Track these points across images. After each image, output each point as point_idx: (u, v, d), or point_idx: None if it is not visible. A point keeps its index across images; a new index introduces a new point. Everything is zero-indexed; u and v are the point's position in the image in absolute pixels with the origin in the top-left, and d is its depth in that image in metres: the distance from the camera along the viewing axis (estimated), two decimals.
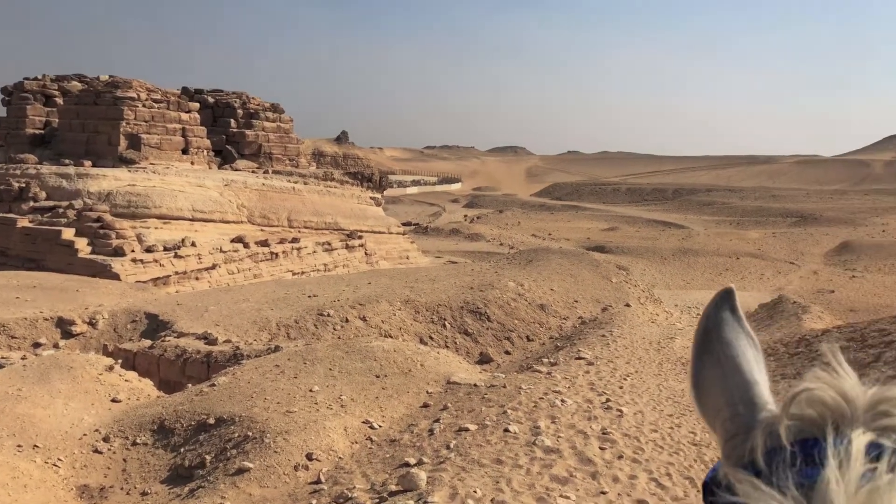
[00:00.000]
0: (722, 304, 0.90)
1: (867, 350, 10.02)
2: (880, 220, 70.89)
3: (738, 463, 0.73)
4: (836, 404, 0.70)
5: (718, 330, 0.88)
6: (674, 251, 51.02)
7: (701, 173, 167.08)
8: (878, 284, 41.11)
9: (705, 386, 0.86)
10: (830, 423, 0.69)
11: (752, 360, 0.86)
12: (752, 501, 0.62)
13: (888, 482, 0.59)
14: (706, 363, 0.86)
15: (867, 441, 0.64)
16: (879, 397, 0.70)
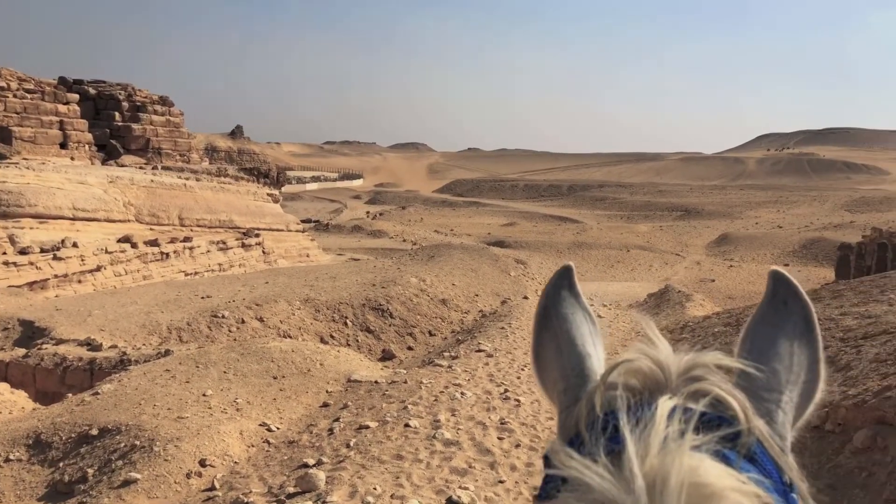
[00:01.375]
0: (560, 282, 0.92)
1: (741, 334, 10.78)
2: (754, 214, 76.51)
3: (566, 434, 0.74)
4: (652, 372, 0.73)
5: (556, 307, 0.90)
6: (569, 245, 52.83)
7: (594, 170, 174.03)
8: (752, 273, 44.31)
9: (544, 361, 0.87)
10: (646, 390, 0.71)
11: (588, 335, 0.88)
12: (564, 470, 0.63)
13: (680, 444, 0.61)
14: (545, 339, 0.88)
15: (672, 405, 0.66)
16: (692, 363, 0.73)
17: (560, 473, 0.65)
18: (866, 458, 5.78)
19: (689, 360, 0.74)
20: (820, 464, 6.08)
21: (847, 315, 9.43)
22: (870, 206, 78.31)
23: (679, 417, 0.65)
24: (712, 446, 0.63)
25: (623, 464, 0.60)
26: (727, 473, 0.60)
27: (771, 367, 0.77)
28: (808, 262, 48.23)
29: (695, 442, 0.62)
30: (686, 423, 0.64)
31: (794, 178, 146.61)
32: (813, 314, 0.81)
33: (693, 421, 0.65)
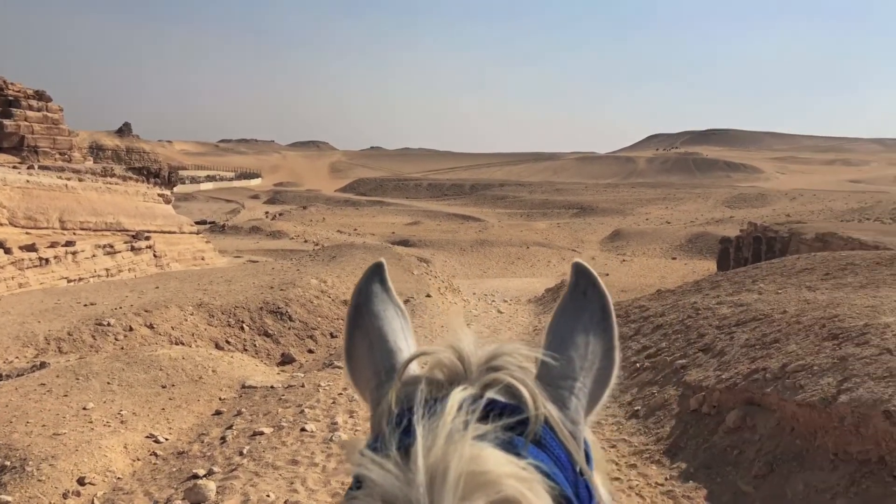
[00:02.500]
0: (372, 279, 0.92)
1: (629, 325, 11.30)
2: (644, 210, 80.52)
3: (374, 432, 0.74)
4: (453, 364, 0.74)
5: (368, 304, 0.89)
6: (472, 243, 53.60)
7: (495, 169, 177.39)
8: (643, 266, 46.65)
9: (356, 360, 0.86)
10: (448, 383, 0.72)
11: (399, 330, 0.87)
12: (358, 469, 0.63)
13: (464, 434, 0.62)
14: (357, 337, 0.87)
15: (464, 396, 0.67)
16: (493, 354, 0.75)
17: (354, 472, 0.65)
18: (737, 437, 6.20)
19: (490, 351, 0.76)
20: (697, 445, 6.48)
21: (723, 304, 10.09)
22: (747, 203, 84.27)
23: (468, 408, 0.66)
24: (498, 434, 0.65)
25: (410, 457, 0.61)
26: (507, 461, 0.61)
27: (567, 356, 0.80)
28: (694, 255, 51.30)
29: (479, 431, 0.63)
30: (475, 413, 0.65)
31: (680, 176, 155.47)
32: (609, 304, 0.85)
33: (480, 410, 0.66)
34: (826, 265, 11.87)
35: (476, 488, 0.58)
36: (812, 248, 31.63)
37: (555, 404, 0.74)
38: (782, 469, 5.46)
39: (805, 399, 5.69)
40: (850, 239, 31.94)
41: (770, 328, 7.92)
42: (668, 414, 7.31)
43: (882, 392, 5.16)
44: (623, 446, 6.98)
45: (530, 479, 0.61)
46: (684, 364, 8.22)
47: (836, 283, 10.39)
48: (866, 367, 5.62)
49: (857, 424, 5.15)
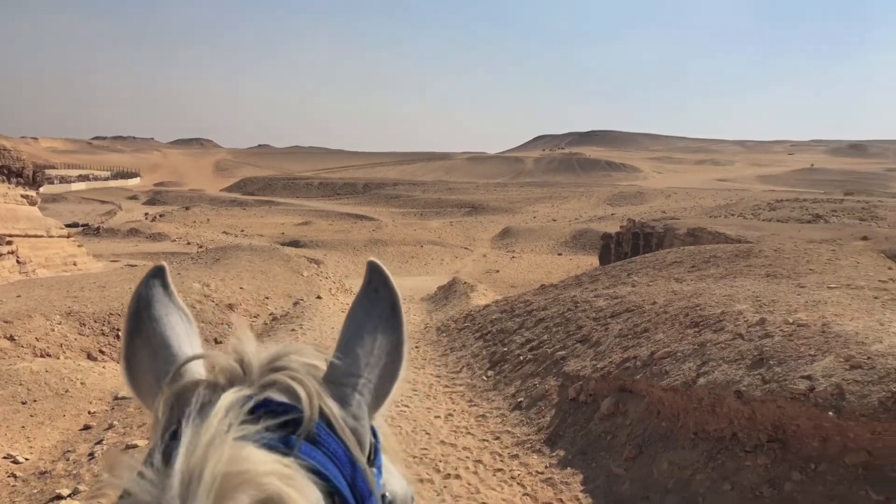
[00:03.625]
0: (152, 283, 0.90)
1: (514, 319, 11.63)
2: (532, 209, 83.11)
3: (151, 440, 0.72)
4: (231, 368, 0.74)
5: (149, 309, 0.87)
6: (365, 242, 53.26)
7: (388, 168, 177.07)
8: (531, 263, 48.14)
9: (137, 367, 0.83)
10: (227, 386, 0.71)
11: (183, 335, 0.86)
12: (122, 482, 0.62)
13: (226, 436, 0.62)
14: (137, 344, 0.84)
15: (235, 398, 0.67)
16: (276, 355, 0.76)
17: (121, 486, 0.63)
18: (611, 423, 6.54)
19: (273, 352, 0.77)
20: (575, 432, 6.77)
21: (600, 297, 10.60)
22: (627, 200, 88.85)
23: (237, 409, 0.66)
24: (267, 433, 0.65)
25: (170, 463, 0.60)
26: (270, 459, 0.62)
27: (354, 353, 0.81)
28: (578, 251, 53.49)
29: (243, 431, 0.63)
30: (247, 414, 0.66)
31: (565, 175, 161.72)
32: (398, 301, 0.87)
33: (249, 411, 0.66)
34: (692, 258, 12.75)
35: (233, 489, 0.58)
36: (684, 242, 33.77)
37: (336, 401, 0.75)
38: (650, 450, 5.81)
39: (670, 384, 6.09)
40: (717, 233, 34.44)
41: (641, 318, 8.40)
42: (549, 404, 7.59)
43: (734, 374, 5.61)
44: (506, 437, 7.18)
45: (293, 476, 0.61)
46: (564, 355, 8.57)
47: (700, 274, 11.18)
48: (721, 351, 6.09)
49: (713, 405, 5.57)
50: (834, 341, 5.50)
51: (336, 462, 0.69)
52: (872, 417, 4.53)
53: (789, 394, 5.01)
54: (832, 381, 4.92)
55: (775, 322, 6.31)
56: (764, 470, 4.93)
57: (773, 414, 5.11)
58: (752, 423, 5.25)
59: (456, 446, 7.00)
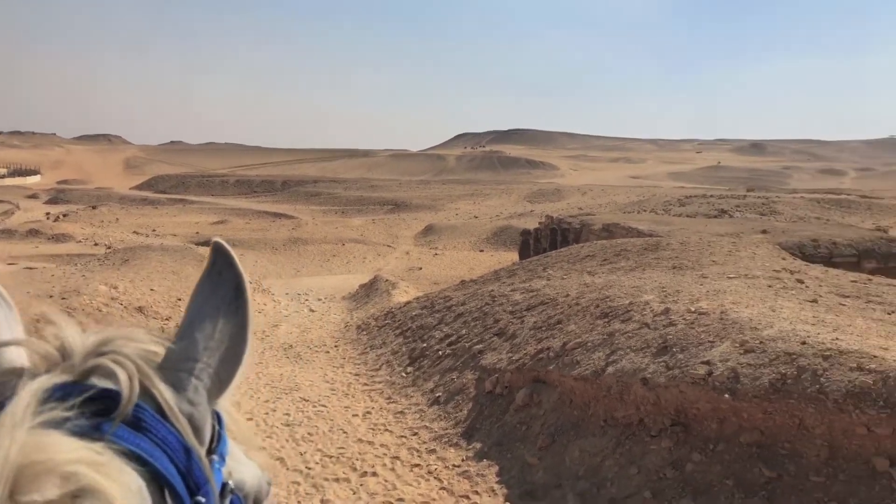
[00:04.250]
0: None
1: (434, 315, 11.67)
2: (454, 206, 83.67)
3: None
4: (48, 353, 0.70)
5: None
6: (285, 241, 52.12)
7: (308, 165, 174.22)
8: (454, 260, 48.46)
9: None
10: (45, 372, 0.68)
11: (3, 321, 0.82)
12: None
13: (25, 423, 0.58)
14: None
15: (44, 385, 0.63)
16: (102, 340, 0.73)
17: None
18: (525, 414, 6.66)
19: (100, 338, 0.73)
20: (491, 424, 6.86)
21: (516, 290, 10.78)
22: (545, 197, 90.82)
23: (44, 394, 0.62)
24: (79, 420, 0.62)
25: None
26: (78, 446, 0.58)
27: (192, 337, 0.78)
28: (500, 247, 54.25)
29: (47, 417, 0.60)
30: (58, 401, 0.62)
31: (487, 173, 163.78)
32: (244, 283, 0.84)
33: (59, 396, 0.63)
34: (604, 252, 13.16)
35: (33, 479, 0.54)
36: (599, 236, 34.79)
37: (170, 386, 0.72)
38: (562, 439, 5.96)
39: (580, 373, 6.25)
40: (630, 228, 35.74)
41: (555, 310, 8.60)
42: (466, 397, 7.66)
43: (640, 362, 5.82)
44: (424, 433, 7.19)
45: (104, 463, 0.58)
46: (481, 349, 8.66)
47: (611, 267, 11.56)
48: (629, 340, 6.31)
49: (621, 392, 5.76)
50: (731, 328, 5.80)
51: (166, 449, 0.66)
52: (764, 398, 4.81)
53: (690, 379, 5.25)
54: (728, 365, 5.19)
55: (679, 311, 6.59)
56: (667, 453, 5.15)
57: (676, 399, 5.33)
58: (657, 408, 5.47)
59: (373, 443, 6.96)
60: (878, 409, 4.34)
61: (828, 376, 4.67)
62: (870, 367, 4.61)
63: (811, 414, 4.59)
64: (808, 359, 4.90)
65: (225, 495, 0.75)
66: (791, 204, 53.74)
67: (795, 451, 4.62)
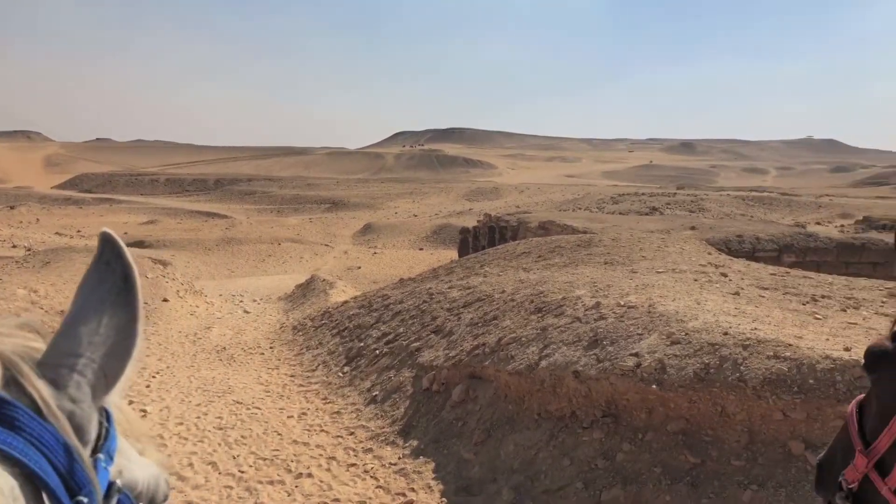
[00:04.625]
0: None
1: (372, 314, 11.60)
2: (393, 204, 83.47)
3: None
4: None
5: None
6: (218, 241, 50.84)
7: (242, 163, 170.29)
8: (393, 258, 48.32)
9: None
10: None
11: None
12: None
13: None
14: None
15: None
16: None
17: None
18: (462, 410, 6.70)
19: None
20: (428, 422, 6.87)
21: (454, 288, 10.83)
22: (483, 196, 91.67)
23: None
24: None
25: None
26: None
27: (75, 332, 0.75)
28: (439, 245, 54.44)
29: None
30: None
31: (426, 171, 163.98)
32: (133, 274, 0.81)
33: None
34: (540, 248, 13.37)
35: None
36: (536, 234, 35.34)
37: (49, 383, 0.69)
38: (497, 433, 6.02)
39: (515, 368, 6.33)
40: (565, 226, 36.46)
41: (491, 307, 8.68)
42: (404, 395, 7.64)
43: (572, 355, 5.94)
44: (361, 432, 7.14)
45: None
46: (419, 346, 8.66)
47: (546, 263, 11.75)
48: (561, 334, 6.42)
49: (554, 385, 5.86)
50: (658, 320, 5.98)
51: (42, 448, 0.63)
52: (689, 387, 4.98)
53: (620, 371, 5.39)
54: (656, 356, 5.35)
55: (609, 305, 6.75)
56: (599, 444, 5.27)
57: (607, 390, 5.46)
58: (589, 400, 5.59)
59: (309, 445, 6.86)
60: (793, 394, 4.57)
61: (747, 365, 4.88)
62: (785, 355, 4.84)
63: (732, 401, 4.79)
64: (729, 349, 5.11)
65: (111, 495, 0.72)
66: (718, 201, 55.93)
67: (718, 438, 4.80)
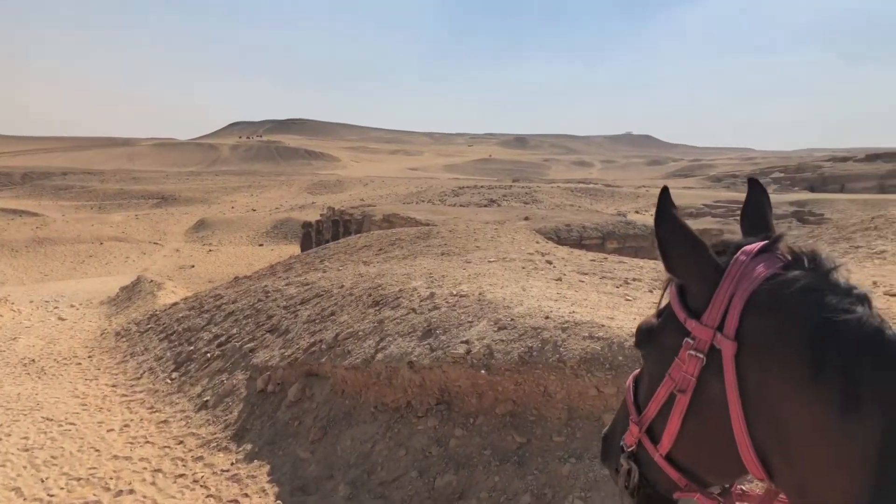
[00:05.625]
0: None
1: (203, 315, 11.00)
2: (230, 199, 79.69)
3: None
4: None
5: None
6: (28, 242, 45.80)
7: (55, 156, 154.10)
8: (231, 255, 46.16)
9: None
10: None
11: None
12: None
13: None
14: None
15: None
16: None
17: None
18: (298, 409, 6.55)
19: None
20: (263, 424, 6.64)
21: (291, 284, 10.55)
22: (327, 189, 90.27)
23: None
24: None
25: None
26: None
27: None
28: (280, 241, 52.84)
29: None
30: None
31: (265, 164, 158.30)
32: None
33: None
34: (380, 241, 13.41)
35: None
36: (381, 227, 35.44)
37: None
38: (334, 429, 5.96)
39: (351, 363, 6.30)
40: (409, 218, 36.91)
41: (329, 302, 8.56)
42: (237, 399, 7.33)
43: (407, 346, 6.02)
44: (191, 440, 6.75)
45: None
46: (253, 347, 8.35)
47: (386, 256, 11.81)
48: (397, 326, 6.48)
49: (390, 377, 5.91)
50: (487, 308, 6.22)
51: None
52: (515, 371, 5.23)
53: (451, 358, 5.54)
54: (484, 342, 5.56)
55: (443, 295, 6.92)
56: (433, 431, 5.39)
57: (440, 379, 5.60)
58: (423, 389, 5.69)
59: (132, 459, 6.37)
60: (606, 371, 4.95)
61: (566, 346, 5.22)
62: (599, 335, 5.23)
63: (553, 381, 5.10)
64: (550, 331, 5.43)
65: None
66: (550, 193, 59.38)
67: (542, 416, 5.09)
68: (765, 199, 1.44)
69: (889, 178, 74.88)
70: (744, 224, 1.43)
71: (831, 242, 12.21)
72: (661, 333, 1.39)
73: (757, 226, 1.39)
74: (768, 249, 1.25)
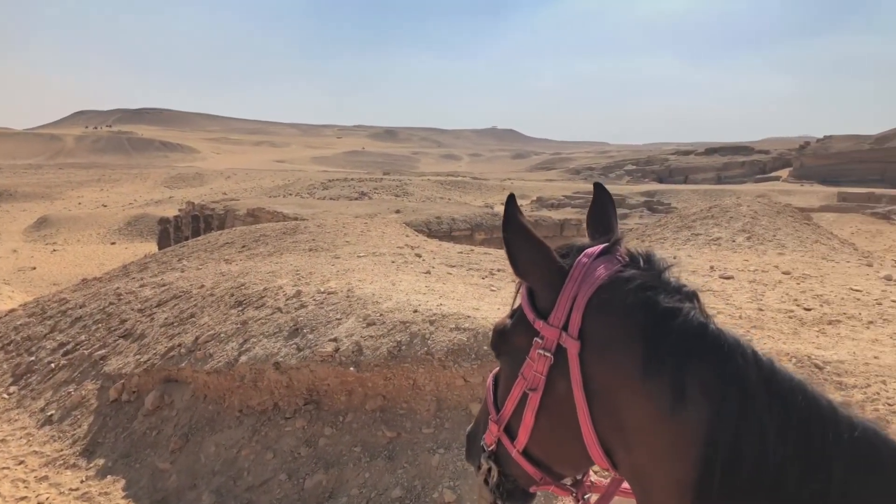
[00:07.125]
0: None
1: (45, 322, 10.07)
2: (76, 193, 73.48)
3: None
4: None
5: None
6: None
7: None
8: (79, 255, 42.61)
9: None
10: None
11: None
12: None
13: None
14: None
15: None
16: None
17: None
18: (156, 418, 6.19)
19: None
20: (117, 436, 6.21)
21: (146, 286, 9.90)
22: (186, 182, 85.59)
23: None
24: None
25: None
26: None
27: None
28: (135, 238, 49.49)
29: None
30: None
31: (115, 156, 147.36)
32: None
33: None
34: (244, 238, 12.90)
35: None
36: (245, 222, 34.14)
37: None
38: (197, 437, 5.68)
39: (214, 366, 6.03)
40: (276, 212, 35.79)
41: (188, 304, 8.13)
42: (87, 411, 6.80)
43: (273, 347, 5.85)
44: (33, 459, 6.18)
45: None
46: (105, 354, 7.77)
47: (250, 253, 11.39)
48: (262, 326, 6.28)
49: (255, 380, 5.72)
50: (356, 304, 6.18)
51: None
52: (384, 366, 5.25)
53: (320, 357, 5.46)
54: (353, 339, 5.53)
55: (310, 292, 6.78)
56: (302, 432, 5.29)
57: (308, 378, 5.50)
58: (291, 390, 5.57)
59: None
60: (472, 361, 5.09)
61: (434, 339, 5.30)
62: (465, 326, 5.36)
63: (422, 374, 5.16)
64: (418, 325, 5.49)
65: None
66: (420, 186, 59.94)
67: (411, 409, 5.15)
68: (609, 202, 1.54)
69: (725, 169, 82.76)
70: (589, 227, 1.52)
71: (675, 231, 13.27)
72: (514, 334, 1.45)
73: (601, 229, 1.49)
74: (609, 251, 1.34)
